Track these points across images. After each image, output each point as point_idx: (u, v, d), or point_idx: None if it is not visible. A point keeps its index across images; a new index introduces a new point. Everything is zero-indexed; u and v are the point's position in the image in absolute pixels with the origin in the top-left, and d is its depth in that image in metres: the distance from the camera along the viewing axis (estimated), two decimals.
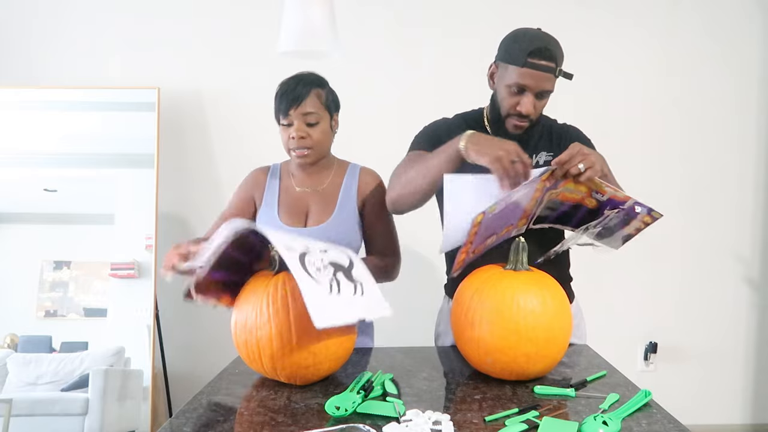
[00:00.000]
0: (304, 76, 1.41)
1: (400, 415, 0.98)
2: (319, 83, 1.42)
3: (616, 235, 1.27)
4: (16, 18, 2.58)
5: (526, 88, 1.29)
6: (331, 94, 1.44)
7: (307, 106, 1.37)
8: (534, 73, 1.27)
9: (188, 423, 0.99)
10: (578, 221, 1.31)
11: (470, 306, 1.13)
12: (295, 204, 1.46)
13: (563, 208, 1.29)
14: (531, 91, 1.29)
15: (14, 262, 2.37)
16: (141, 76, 2.56)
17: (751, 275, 2.72)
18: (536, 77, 1.27)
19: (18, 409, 2.16)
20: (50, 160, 2.42)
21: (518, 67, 1.28)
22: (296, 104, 1.36)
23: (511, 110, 1.33)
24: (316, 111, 1.38)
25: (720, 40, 2.61)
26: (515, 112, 1.33)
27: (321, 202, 1.45)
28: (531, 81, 1.28)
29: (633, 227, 1.24)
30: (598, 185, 1.18)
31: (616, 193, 1.18)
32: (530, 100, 1.30)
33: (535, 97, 1.30)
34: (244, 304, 1.13)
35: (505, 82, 1.32)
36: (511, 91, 1.31)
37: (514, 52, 1.29)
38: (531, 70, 1.27)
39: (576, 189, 1.21)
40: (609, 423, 0.92)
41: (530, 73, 1.27)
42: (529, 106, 1.30)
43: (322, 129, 1.41)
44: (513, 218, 1.25)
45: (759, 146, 2.67)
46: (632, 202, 1.18)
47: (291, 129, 1.38)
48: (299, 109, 1.37)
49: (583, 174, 1.13)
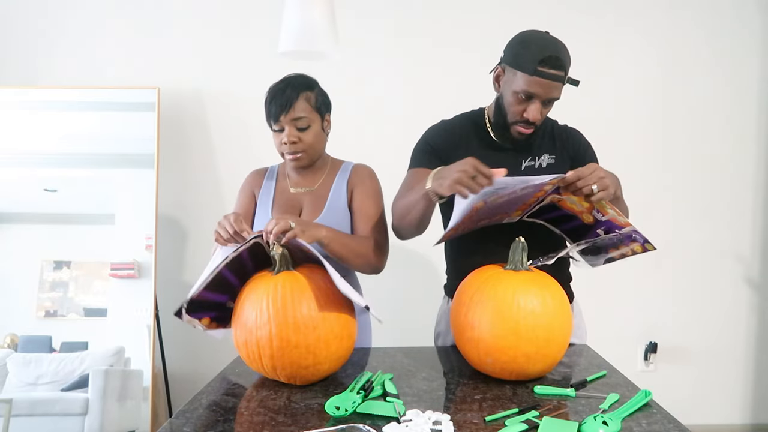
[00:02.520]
0: (293, 79, 1.40)
1: (400, 415, 0.98)
2: (308, 86, 1.40)
3: (601, 255, 1.30)
4: (16, 18, 2.57)
5: (534, 95, 1.29)
6: (321, 95, 1.43)
7: (296, 111, 1.36)
8: (543, 82, 1.26)
9: (188, 423, 0.99)
10: (569, 229, 1.33)
11: (470, 306, 1.13)
12: (288, 204, 1.47)
13: (558, 213, 1.30)
14: (539, 98, 1.29)
15: (14, 262, 2.37)
16: (141, 76, 2.56)
17: (751, 275, 2.72)
18: (545, 86, 1.27)
19: (18, 409, 2.16)
20: (50, 160, 2.42)
21: (527, 74, 1.27)
22: (286, 110, 1.35)
23: (517, 117, 1.33)
24: (306, 115, 1.37)
25: (720, 40, 2.61)
26: (522, 119, 1.33)
27: (313, 202, 1.45)
28: (540, 89, 1.27)
29: (620, 252, 1.27)
30: (602, 206, 1.19)
31: (616, 217, 1.20)
32: (537, 107, 1.30)
33: (543, 104, 1.31)
34: (244, 304, 1.13)
35: (512, 88, 1.31)
36: (519, 98, 1.30)
37: (523, 58, 1.27)
38: (540, 78, 1.26)
39: (579, 202, 1.22)
40: (609, 423, 0.92)
41: (539, 81, 1.26)
42: (536, 114, 1.30)
43: (314, 132, 1.40)
44: (510, 209, 1.27)
45: (759, 146, 2.67)
46: (631, 229, 1.19)
47: (282, 134, 1.38)
48: (289, 115, 1.36)
49: (595, 195, 1.14)
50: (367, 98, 2.59)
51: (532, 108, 1.30)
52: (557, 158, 1.44)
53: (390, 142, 2.46)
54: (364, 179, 1.47)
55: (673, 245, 2.66)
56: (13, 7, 2.57)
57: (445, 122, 1.50)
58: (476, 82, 1.81)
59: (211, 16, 2.58)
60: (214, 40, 2.58)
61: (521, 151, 1.43)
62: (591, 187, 1.13)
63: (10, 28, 2.58)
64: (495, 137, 1.43)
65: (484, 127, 1.44)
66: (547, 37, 1.30)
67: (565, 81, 1.29)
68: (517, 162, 1.42)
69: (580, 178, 1.14)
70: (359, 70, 2.57)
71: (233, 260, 1.14)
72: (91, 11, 2.58)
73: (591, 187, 1.13)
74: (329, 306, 1.12)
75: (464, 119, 1.49)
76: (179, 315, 1.17)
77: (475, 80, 1.87)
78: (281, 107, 1.35)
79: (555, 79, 1.26)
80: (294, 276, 1.13)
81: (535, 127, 1.34)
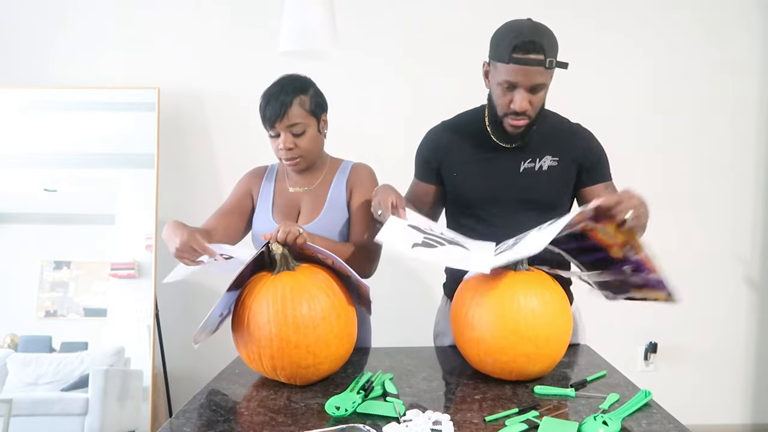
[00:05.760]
0: (287, 83, 1.38)
1: (400, 415, 0.98)
2: (302, 89, 1.38)
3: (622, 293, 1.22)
4: (16, 19, 2.58)
5: (516, 84, 1.24)
6: (316, 96, 1.41)
7: (291, 118, 1.35)
8: (521, 68, 1.22)
9: (188, 423, 0.99)
10: (590, 262, 1.23)
11: (470, 306, 1.13)
12: (287, 204, 1.47)
13: (584, 243, 1.19)
14: (522, 86, 1.24)
15: (14, 262, 2.37)
16: (141, 76, 2.56)
17: (751, 275, 2.72)
18: (525, 72, 1.22)
19: (18, 409, 2.17)
20: (50, 160, 2.42)
21: (504, 63, 1.23)
22: (280, 117, 1.34)
23: (506, 109, 1.29)
24: (301, 121, 1.36)
25: (720, 40, 2.61)
26: (510, 111, 1.28)
27: (312, 201, 1.45)
28: (520, 77, 1.23)
29: (643, 295, 1.19)
30: (638, 245, 1.10)
31: (648, 259, 1.11)
32: (523, 96, 1.25)
33: (529, 92, 1.25)
34: (244, 304, 1.13)
35: (496, 80, 1.28)
36: (503, 90, 1.27)
37: (500, 48, 1.24)
38: (518, 65, 1.21)
39: (614, 235, 1.12)
40: (609, 423, 0.92)
41: (517, 68, 1.22)
42: (522, 103, 1.25)
43: (310, 136, 1.39)
44: None
45: (759, 147, 2.67)
46: (661, 277, 1.12)
47: (278, 140, 1.38)
48: (284, 122, 1.35)
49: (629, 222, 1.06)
50: (368, 98, 2.58)
51: (518, 97, 1.25)
52: (560, 160, 1.38)
53: (390, 142, 2.46)
54: (363, 179, 1.47)
55: (673, 245, 2.66)
56: (14, 7, 2.57)
57: (437, 129, 1.48)
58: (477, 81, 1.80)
59: (211, 17, 2.58)
60: (214, 40, 2.58)
61: (520, 151, 1.38)
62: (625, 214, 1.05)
63: (11, 29, 2.58)
64: (493, 135, 1.40)
65: (483, 126, 1.42)
66: (523, 22, 1.25)
67: (549, 65, 1.22)
68: (515, 163, 1.39)
69: (612, 204, 1.05)
70: (359, 70, 2.57)
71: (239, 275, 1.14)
72: (91, 11, 2.57)
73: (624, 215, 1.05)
74: (329, 306, 1.12)
75: (463, 120, 1.48)
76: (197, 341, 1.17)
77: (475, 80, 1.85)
78: (275, 114, 1.34)
79: (534, 63, 1.21)
80: (294, 276, 1.13)
81: (528, 118, 1.29)
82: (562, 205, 1.42)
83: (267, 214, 1.46)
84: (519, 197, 1.38)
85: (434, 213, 1.55)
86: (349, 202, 1.45)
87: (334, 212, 1.43)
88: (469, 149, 1.42)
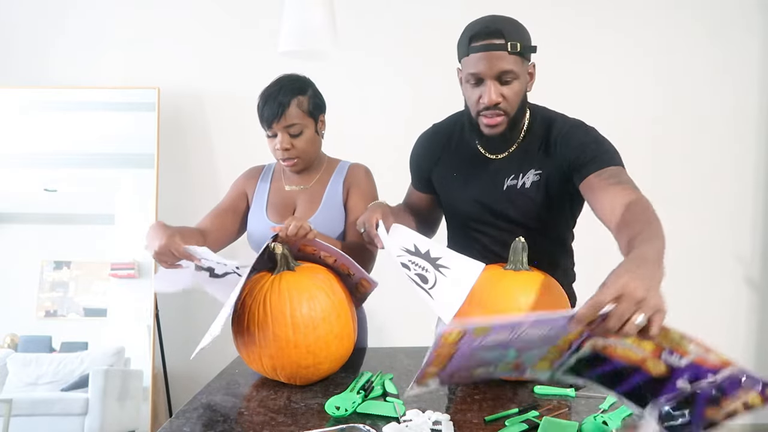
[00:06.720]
0: (285, 83, 1.38)
1: (400, 415, 0.98)
2: (300, 90, 1.38)
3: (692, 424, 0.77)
4: (16, 19, 2.58)
5: (480, 75, 1.17)
6: (314, 97, 1.41)
7: (288, 119, 1.35)
8: (482, 56, 1.15)
9: (188, 423, 0.99)
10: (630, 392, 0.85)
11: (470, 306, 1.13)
12: (282, 202, 1.47)
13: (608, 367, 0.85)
14: (488, 77, 1.17)
15: (14, 262, 2.37)
16: (141, 76, 2.56)
17: (751, 275, 2.72)
18: (486, 59, 1.15)
19: (18, 409, 2.17)
20: (50, 160, 2.42)
21: (466, 57, 1.19)
22: (278, 118, 1.34)
23: (477, 106, 1.21)
24: (298, 121, 1.36)
25: (720, 40, 2.61)
26: (482, 107, 1.20)
27: (307, 200, 1.45)
28: (482, 65, 1.16)
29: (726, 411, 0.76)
30: (676, 342, 0.78)
31: (704, 356, 0.78)
32: (491, 88, 1.17)
33: (498, 82, 1.17)
34: (245, 303, 1.13)
35: (464, 79, 1.22)
36: (471, 86, 1.20)
37: (460, 44, 1.21)
38: (477, 54, 1.16)
39: (637, 345, 0.80)
40: (609, 423, 0.92)
41: (477, 57, 1.16)
42: (491, 95, 1.17)
43: (307, 137, 1.40)
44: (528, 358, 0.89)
45: (759, 147, 2.67)
46: (736, 370, 0.75)
47: (276, 140, 1.38)
48: (281, 123, 1.35)
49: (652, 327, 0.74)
50: (367, 98, 2.58)
51: (485, 90, 1.17)
52: (543, 173, 1.25)
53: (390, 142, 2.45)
54: (360, 180, 1.47)
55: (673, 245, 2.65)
56: (14, 7, 2.57)
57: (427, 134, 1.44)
58: None
59: (210, 17, 2.58)
60: (214, 40, 2.58)
61: (506, 164, 1.29)
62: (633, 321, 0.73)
63: (11, 29, 2.58)
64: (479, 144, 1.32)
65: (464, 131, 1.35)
66: (482, 17, 1.21)
67: (511, 48, 1.14)
68: (499, 180, 1.29)
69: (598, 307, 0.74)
70: (359, 70, 2.57)
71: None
72: (91, 11, 2.57)
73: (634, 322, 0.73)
74: (329, 306, 1.12)
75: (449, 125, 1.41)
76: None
77: None
78: (273, 114, 1.34)
79: (494, 48, 1.14)
80: (294, 276, 1.13)
81: (503, 113, 1.20)
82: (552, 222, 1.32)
83: (262, 212, 1.46)
84: (504, 216, 1.31)
85: (433, 218, 1.52)
86: (346, 201, 1.45)
87: (330, 211, 1.43)
88: (456, 161, 1.36)
